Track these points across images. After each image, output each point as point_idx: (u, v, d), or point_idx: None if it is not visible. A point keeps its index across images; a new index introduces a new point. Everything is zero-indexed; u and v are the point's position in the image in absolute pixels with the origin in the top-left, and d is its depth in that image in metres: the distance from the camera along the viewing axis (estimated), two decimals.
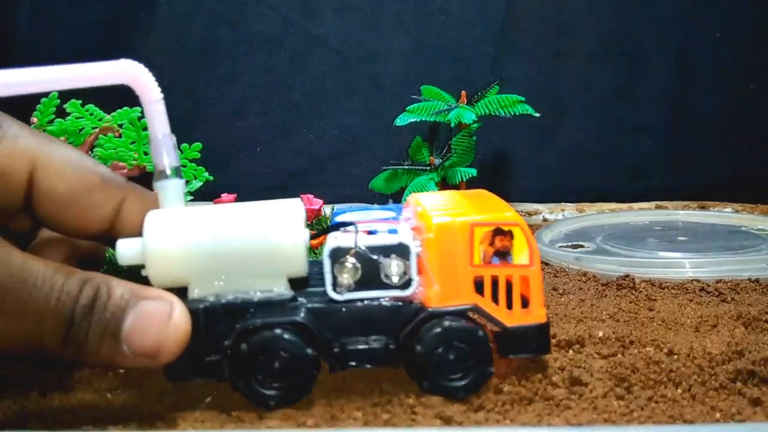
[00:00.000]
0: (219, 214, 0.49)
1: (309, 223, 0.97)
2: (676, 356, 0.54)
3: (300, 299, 0.49)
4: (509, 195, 1.06)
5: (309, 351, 0.48)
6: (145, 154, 0.73)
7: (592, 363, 0.53)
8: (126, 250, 0.48)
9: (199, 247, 0.47)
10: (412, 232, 0.50)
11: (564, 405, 0.48)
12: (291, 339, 0.48)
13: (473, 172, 0.90)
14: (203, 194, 0.90)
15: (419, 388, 0.49)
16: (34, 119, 0.70)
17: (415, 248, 0.48)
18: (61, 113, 0.71)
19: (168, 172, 0.52)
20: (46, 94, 0.68)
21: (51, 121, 0.71)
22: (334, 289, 0.48)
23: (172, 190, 0.51)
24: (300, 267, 0.49)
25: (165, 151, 0.52)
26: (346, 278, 0.48)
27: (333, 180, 1.12)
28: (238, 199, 1.02)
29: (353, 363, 0.49)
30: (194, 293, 0.48)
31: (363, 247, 0.48)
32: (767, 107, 1.09)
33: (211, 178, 0.78)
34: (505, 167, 1.13)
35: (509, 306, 0.50)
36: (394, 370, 0.50)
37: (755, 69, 1.09)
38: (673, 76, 1.10)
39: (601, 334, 0.58)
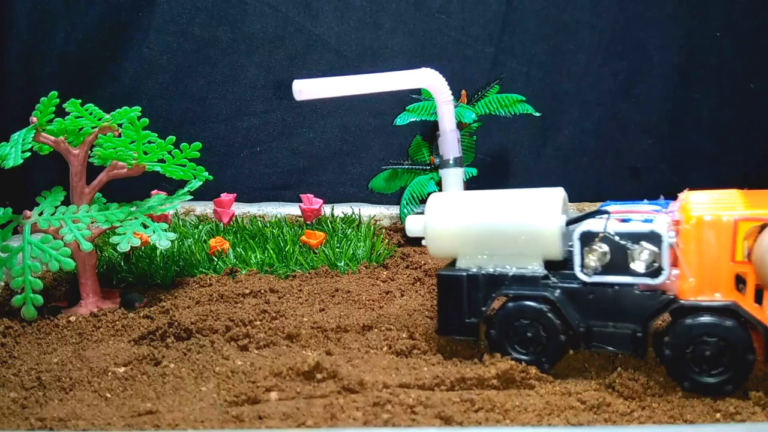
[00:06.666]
0: (489, 198, 0.56)
1: (309, 223, 0.96)
2: None
3: (552, 278, 0.53)
4: None
5: (558, 323, 0.51)
6: (145, 153, 0.72)
7: (593, 362, 0.53)
8: (413, 225, 0.58)
9: (469, 227, 0.55)
10: (669, 223, 0.49)
11: (564, 405, 0.47)
12: (540, 309, 0.52)
13: (473, 171, 0.90)
14: (203, 193, 0.89)
15: (681, 387, 0.48)
16: (34, 118, 0.69)
17: (668, 237, 0.48)
18: (61, 113, 0.71)
19: (451, 161, 0.63)
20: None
21: (50, 121, 0.70)
22: (582, 270, 0.51)
23: (453, 176, 0.63)
24: (554, 250, 0.53)
25: (450, 143, 0.63)
26: (593, 260, 0.51)
27: (333, 179, 1.12)
28: (238, 199, 1.02)
29: (597, 344, 0.51)
30: (461, 263, 0.56)
31: (612, 232, 0.50)
32: (767, 107, 1.09)
33: (211, 177, 0.78)
34: (505, 167, 1.13)
35: None
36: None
37: (756, 68, 1.09)
38: (674, 76, 1.10)
39: None
